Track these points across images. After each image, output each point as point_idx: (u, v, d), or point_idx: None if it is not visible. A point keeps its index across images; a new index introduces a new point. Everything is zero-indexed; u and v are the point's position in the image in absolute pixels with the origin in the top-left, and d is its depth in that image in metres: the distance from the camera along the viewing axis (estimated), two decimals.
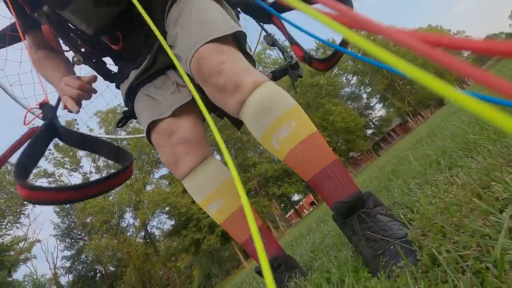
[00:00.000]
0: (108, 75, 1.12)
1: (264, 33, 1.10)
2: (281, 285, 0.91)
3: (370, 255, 0.65)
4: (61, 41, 1.03)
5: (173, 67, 1.01)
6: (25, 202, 22.30)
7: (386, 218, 0.70)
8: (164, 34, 0.95)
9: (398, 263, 0.57)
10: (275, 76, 0.88)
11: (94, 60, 1.07)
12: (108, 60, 1.13)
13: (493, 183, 0.63)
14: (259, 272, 0.98)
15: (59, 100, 0.96)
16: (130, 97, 1.05)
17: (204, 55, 0.83)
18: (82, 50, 1.03)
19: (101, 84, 1.15)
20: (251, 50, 1.02)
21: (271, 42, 0.98)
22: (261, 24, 1.09)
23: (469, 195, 0.66)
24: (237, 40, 0.91)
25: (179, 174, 1.01)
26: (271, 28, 1.03)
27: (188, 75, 0.98)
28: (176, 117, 0.98)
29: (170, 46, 0.93)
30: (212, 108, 1.06)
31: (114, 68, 1.15)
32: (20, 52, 1.39)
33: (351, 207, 0.72)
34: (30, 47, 1.08)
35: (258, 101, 0.79)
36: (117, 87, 1.12)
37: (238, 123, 1.11)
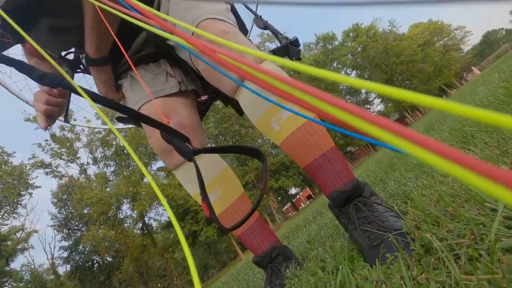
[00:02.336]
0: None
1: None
2: (279, 275, 0.91)
3: (366, 245, 0.66)
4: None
5: (165, 56, 0.99)
6: (22, 193, 22.28)
7: (382, 207, 0.71)
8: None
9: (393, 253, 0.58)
10: (275, 55, 0.83)
11: (82, 67, 1.04)
12: None
13: None
14: (256, 262, 0.99)
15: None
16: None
17: (206, 25, 0.79)
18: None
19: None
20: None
21: (263, 25, 0.94)
22: (251, 8, 1.06)
23: (465, 185, 0.66)
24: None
25: (172, 164, 0.97)
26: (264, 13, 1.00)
27: (186, 63, 0.97)
28: (171, 101, 0.95)
29: (167, 39, 0.91)
30: (207, 89, 1.03)
31: None
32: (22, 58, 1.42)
33: (348, 196, 0.72)
34: (25, 55, 1.07)
35: None
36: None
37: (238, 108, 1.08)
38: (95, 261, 25.25)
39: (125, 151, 25.96)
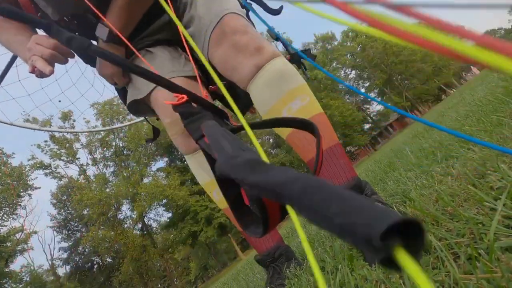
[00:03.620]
0: (93, 59, 0.98)
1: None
2: (280, 275, 0.92)
3: None
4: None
5: (179, 45, 0.99)
6: (21, 194, 22.21)
7: (383, 207, 0.71)
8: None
9: None
10: (294, 58, 0.96)
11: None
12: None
13: (488, 172, 0.63)
14: (258, 261, 0.99)
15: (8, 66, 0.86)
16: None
17: (229, 19, 0.85)
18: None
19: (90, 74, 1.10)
20: None
21: (275, 36, 1.01)
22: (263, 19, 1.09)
23: (464, 185, 0.66)
24: None
25: (189, 148, 0.94)
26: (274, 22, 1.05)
27: (196, 62, 0.96)
28: (192, 83, 0.92)
29: (184, 27, 0.92)
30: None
31: None
32: None
33: None
34: None
35: (278, 67, 0.80)
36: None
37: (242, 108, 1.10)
38: (94, 262, 25.22)
39: (125, 152, 25.94)
